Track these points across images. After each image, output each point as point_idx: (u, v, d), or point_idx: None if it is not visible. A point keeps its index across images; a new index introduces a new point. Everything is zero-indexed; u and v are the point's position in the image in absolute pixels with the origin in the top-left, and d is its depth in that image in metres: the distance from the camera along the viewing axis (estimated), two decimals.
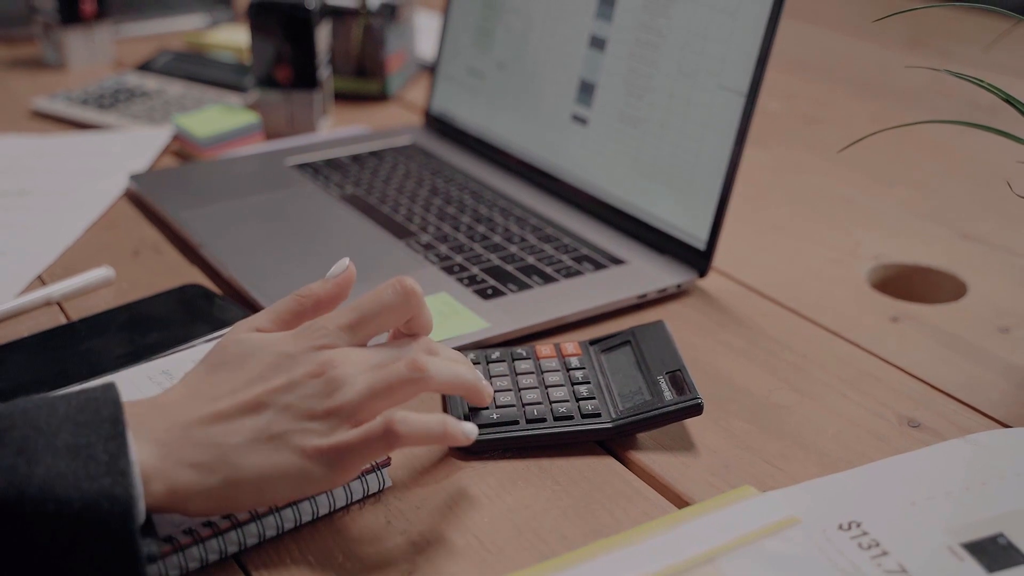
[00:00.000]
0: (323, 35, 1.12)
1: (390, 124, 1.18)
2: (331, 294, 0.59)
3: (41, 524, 0.46)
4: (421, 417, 0.55)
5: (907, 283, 0.88)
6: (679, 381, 0.65)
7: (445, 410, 0.67)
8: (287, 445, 0.53)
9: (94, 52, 1.37)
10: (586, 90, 0.94)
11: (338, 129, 1.16)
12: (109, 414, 0.50)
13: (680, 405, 0.63)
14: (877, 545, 0.53)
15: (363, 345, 0.58)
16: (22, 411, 0.49)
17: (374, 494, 0.60)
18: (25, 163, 1.06)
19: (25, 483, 0.46)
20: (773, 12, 0.78)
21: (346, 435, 0.53)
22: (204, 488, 0.52)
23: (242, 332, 0.58)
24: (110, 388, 0.51)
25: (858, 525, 0.55)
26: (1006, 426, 0.67)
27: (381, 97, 1.27)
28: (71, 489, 0.47)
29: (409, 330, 0.60)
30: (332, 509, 0.58)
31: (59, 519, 0.46)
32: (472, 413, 0.64)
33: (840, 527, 0.55)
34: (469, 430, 0.57)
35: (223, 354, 0.57)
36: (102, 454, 0.48)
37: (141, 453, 0.50)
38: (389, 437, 0.53)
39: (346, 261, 0.60)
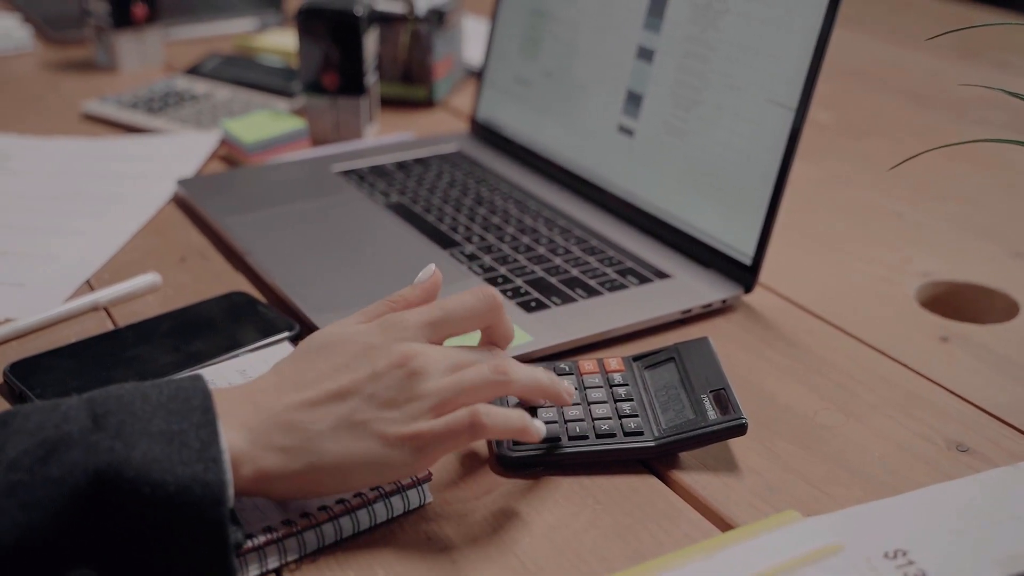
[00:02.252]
0: (371, 41, 1.12)
1: (436, 130, 1.18)
2: (420, 299, 0.63)
3: (137, 505, 0.49)
4: (503, 410, 0.58)
5: (957, 302, 0.87)
6: (723, 400, 0.64)
7: (490, 447, 0.66)
8: (370, 432, 0.55)
9: (145, 55, 1.38)
10: (633, 101, 0.93)
11: (384, 136, 1.16)
12: (200, 403, 0.52)
13: (724, 425, 0.62)
14: (924, 575, 0.52)
15: (440, 344, 0.61)
16: (116, 397, 0.52)
17: (415, 509, 0.60)
18: (75, 167, 1.07)
19: (123, 466, 0.49)
20: (824, 27, 0.77)
21: (429, 423, 0.56)
22: (289, 472, 0.54)
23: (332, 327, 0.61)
24: (198, 379, 0.54)
25: (904, 554, 0.54)
26: None
27: (428, 103, 1.27)
28: (166, 473, 0.49)
29: (488, 338, 0.64)
30: (373, 524, 0.58)
31: (154, 502, 0.49)
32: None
33: (886, 555, 0.54)
34: (540, 428, 0.59)
35: (311, 344, 0.60)
36: (194, 441, 0.51)
37: (230, 438, 0.53)
38: (475, 428, 0.56)
39: (432, 267, 0.64)
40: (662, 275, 0.84)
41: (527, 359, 0.73)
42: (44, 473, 0.48)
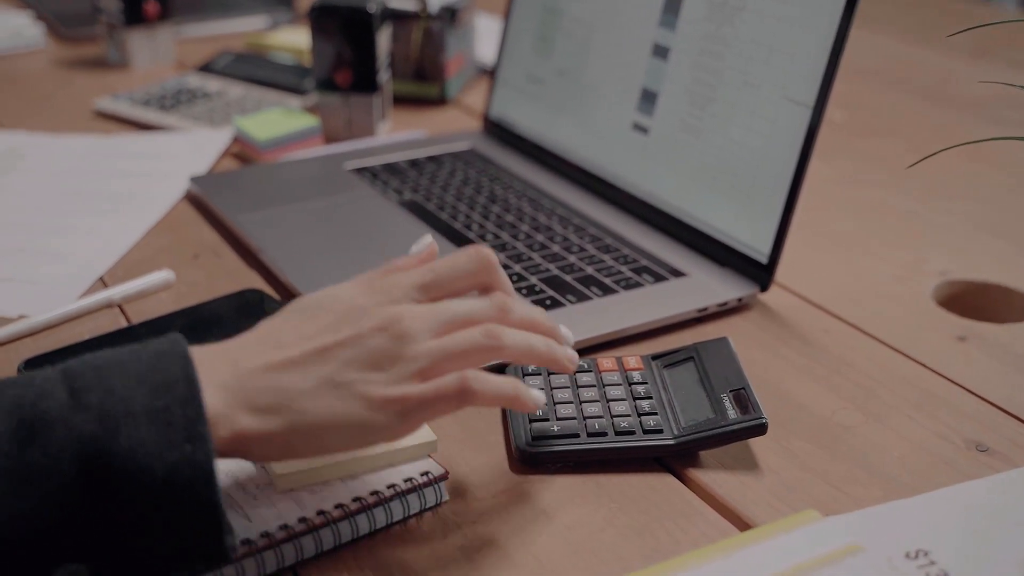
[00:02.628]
0: (384, 38, 1.12)
1: (448, 128, 1.18)
2: (414, 268, 0.60)
3: (127, 491, 0.47)
4: (494, 377, 0.55)
5: (974, 301, 0.86)
6: (743, 400, 0.64)
7: (505, 417, 0.66)
8: (352, 393, 0.53)
9: (156, 53, 1.38)
10: (648, 99, 0.93)
11: (396, 133, 1.16)
12: (181, 372, 0.50)
13: (744, 424, 0.62)
14: (946, 575, 0.52)
15: None
16: (93, 368, 0.49)
17: (430, 507, 0.60)
18: (88, 164, 1.07)
19: (108, 453, 0.47)
20: (842, 24, 0.76)
21: (416, 387, 0.53)
22: (267, 432, 0.52)
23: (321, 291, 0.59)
24: (177, 342, 0.52)
25: (925, 554, 0.53)
26: None
27: (440, 101, 1.27)
28: (153, 458, 0.47)
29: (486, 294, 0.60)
30: (389, 522, 0.58)
31: (143, 487, 0.47)
32: (532, 425, 0.64)
33: (907, 556, 0.53)
34: (537, 397, 0.57)
35: (297, 305, 0.57)
36: (180, 418, 0.48)
37: (208, 398, 0.50)
38: (464, 394, 0.54)
39: (428, 238, 0.62)
40: (677, 273, 0.84)
41: None
42: (27, 459, 0.46)
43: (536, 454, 0.62)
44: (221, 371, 0.52)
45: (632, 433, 0.63)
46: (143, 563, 0.49)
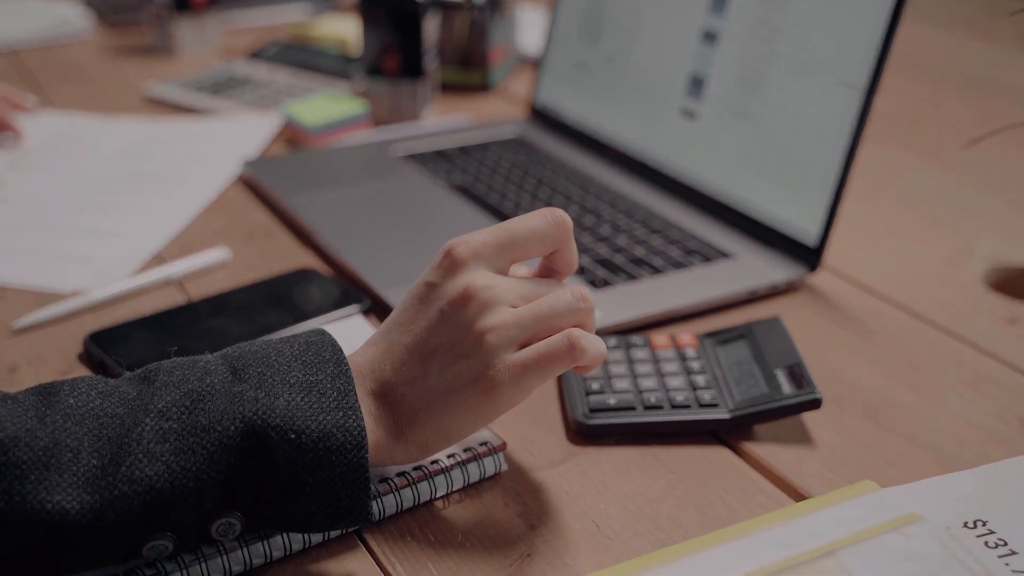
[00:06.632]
0: (430, 27, 1.13)
1: (491, 115, 1.19)
2: None
3: (284, 451, 0.50)
4: (592, 335, 0.55)
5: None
6: (797, 375, 0.64)
7: (561, 391, 0.67)
8: (463, 380, 0.54)
9: (203, 40, 1.39)
10: (696, 84, 0.93)
11: (442, 119, 1.17)
12: (331, 355, 0.54)
13: (799, 399, 0.63)
14: (1005, 544, 0.52)
15: (504, 272, 0.57)
16: (251, 352, 0.54)
17: (490, 477, 0.61)
18: (139, 146, 1.08)
19: (269, 414, 0.50)
20: (895, 7, 0.77)
21: (522, 354, 0.54)
22: (395, 441, 0.55)
23: None
24: (325, 333, 0.55)
25: (984, 524, 0.54)
26: None
27: (482, 88, 1.28)
28: (310, 420, 0.51)
29: (553, 264, 0.59)
30: (450, 490, 0.59)
31: (300, 447, 0.50)
32: (588, 398, 0.65)
33: (965, 525, 0.54)
34: None
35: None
36: (331, 390, 0.52)
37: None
38: (574, 352, 0.54)
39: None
40: (726, 255, 0.84)
41: (597, 334, 0.73)
42: (193, 421, 0.50)
43: (593, 426, 0.63)
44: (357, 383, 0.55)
45: (688, 407, 0.64)
46: (292, 517, 0.52)
